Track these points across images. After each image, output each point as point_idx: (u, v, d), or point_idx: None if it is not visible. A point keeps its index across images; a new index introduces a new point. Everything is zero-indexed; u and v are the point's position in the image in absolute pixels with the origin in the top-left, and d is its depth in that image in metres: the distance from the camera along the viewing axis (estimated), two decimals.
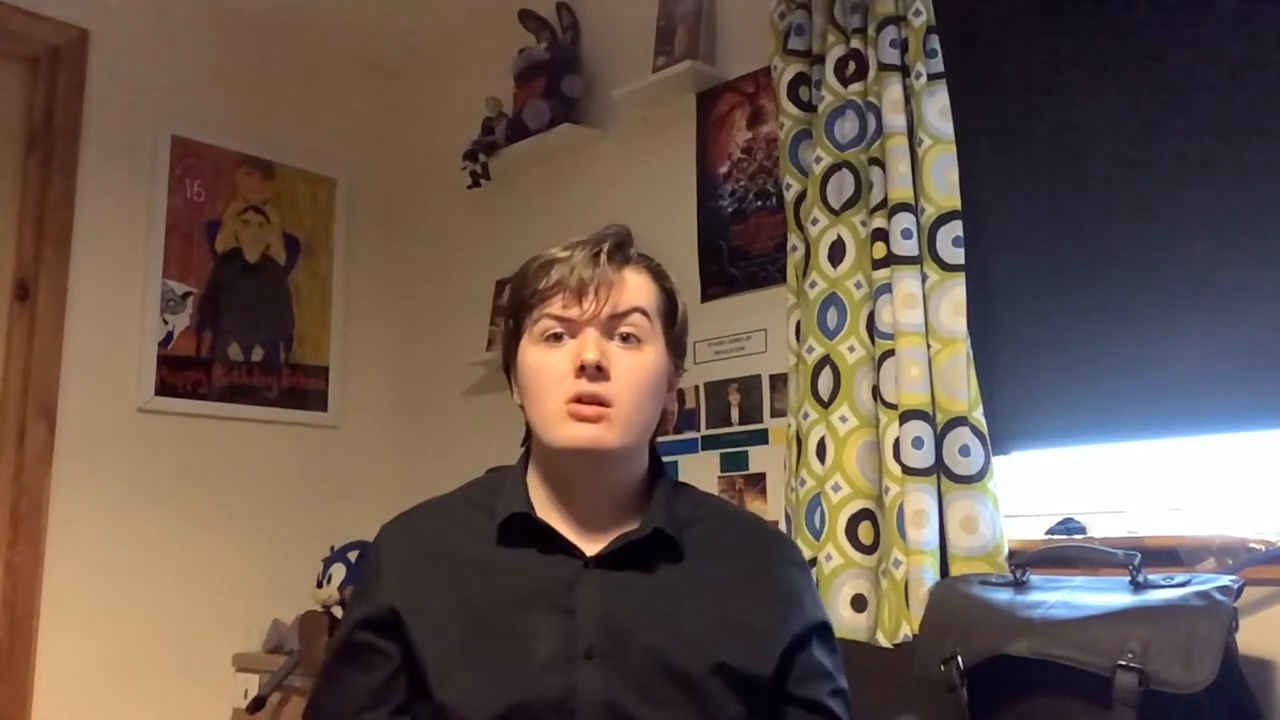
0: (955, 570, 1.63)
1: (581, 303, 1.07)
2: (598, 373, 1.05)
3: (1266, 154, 1.55)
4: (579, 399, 1.05)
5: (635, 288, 1.10)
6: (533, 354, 1.09)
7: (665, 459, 1.20)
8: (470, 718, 1.00)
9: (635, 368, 1.07)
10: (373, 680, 1.07)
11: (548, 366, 1.07)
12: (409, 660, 1.06)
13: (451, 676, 1.03)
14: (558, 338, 1.08)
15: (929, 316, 1.71)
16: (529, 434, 1.14)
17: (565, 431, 1.05)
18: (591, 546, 1.09)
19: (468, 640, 1.04)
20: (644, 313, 1.10)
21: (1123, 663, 1.25)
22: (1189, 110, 1.63)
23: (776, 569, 1.16)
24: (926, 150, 1.74)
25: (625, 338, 1.08)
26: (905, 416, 1.67)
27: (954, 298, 1.70)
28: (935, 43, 1.78)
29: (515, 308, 1.13)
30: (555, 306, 1.08)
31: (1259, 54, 1.57)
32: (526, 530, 1.10)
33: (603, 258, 1.08)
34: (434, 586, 1.08)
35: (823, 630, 1.16)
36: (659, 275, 1.15)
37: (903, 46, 1.79)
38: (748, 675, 1.06)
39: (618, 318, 1.08)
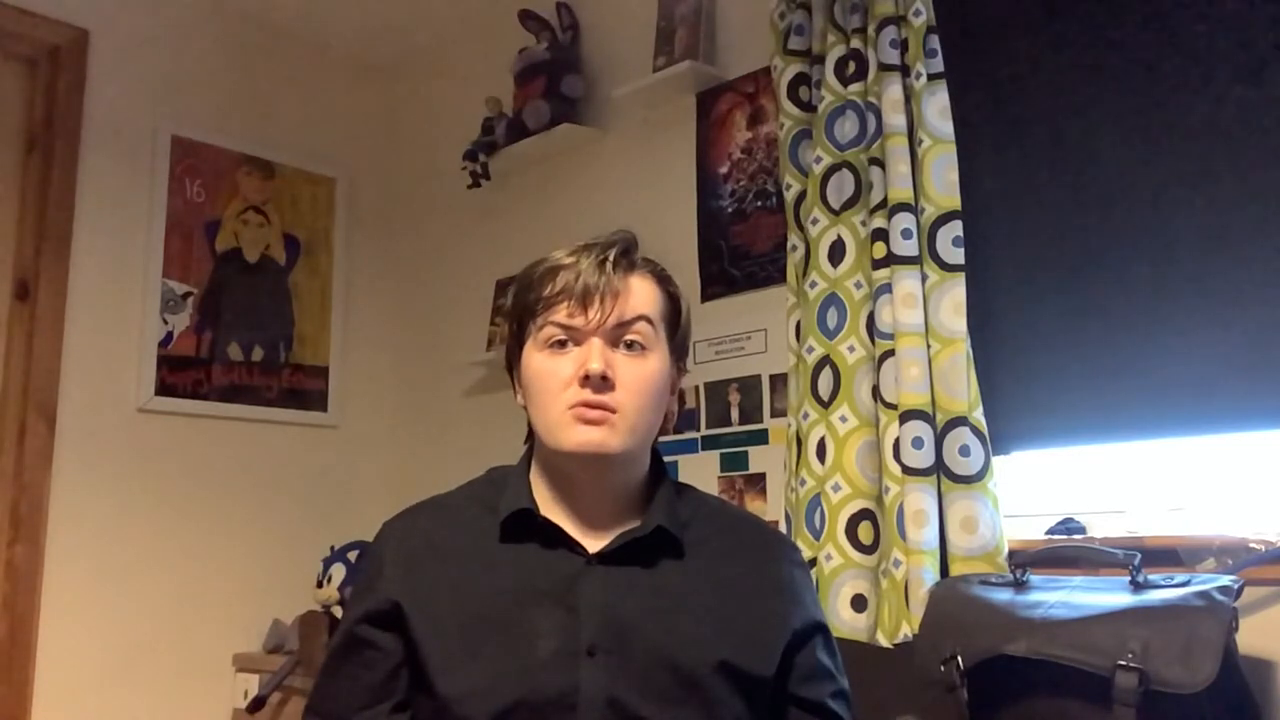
0: (955, 570, 1.63)
1: (587, 311, 1.06)
2: (602, 383, 1.05)
3: (1267, 154, 1.55)
4: (584, 406, 1.05)
5: (640, 295, 1.10)
6: (537, 359, 1.09)
7: (665, 459, 1.20)
8: (472, 713, 1.00)
9: (640, 375, 1.08)
10: (374, 676, 1.07)
11: (552, 373, 1.07)
12: (410, 655, 1.06)
13: (453, 672, 1.03)
14: (562, 344, 1.08)
15: (929, 316, 1.71)
16: (531, 432, 1.14)
17: (570, 436, 1.05)
18: (594, 544, 1.09)
19: (470, 636, 1.04)
20: (649, 320, 1.10)
21: (1123, 663, 1.25)
22: (1189, 110, 1.63)
23: (778, 569, 1.16)
24: (926, 150, 1.74)
25: (630, 345, 1.08)
26: (905, 416, 1.67)
27: (954, 298, 1.70)
28: (935, 43, 1.78)
29: (519, 312, 1.13)
30: (560, 314, 1.07)
31: (1259, 55, 1.57)
32: (529, 527, 1.10)
33: (609, 265, 1.08)
34: (436, 582, 1.08)
35: (824, 630, 1.16)
36: (663, 280, 1.15)
37: (903, 46, 1.79)
38: (749, 674, 1.06)
39: (623, 326, 1.08)
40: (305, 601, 2.51)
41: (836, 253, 1.83)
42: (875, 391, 1.75)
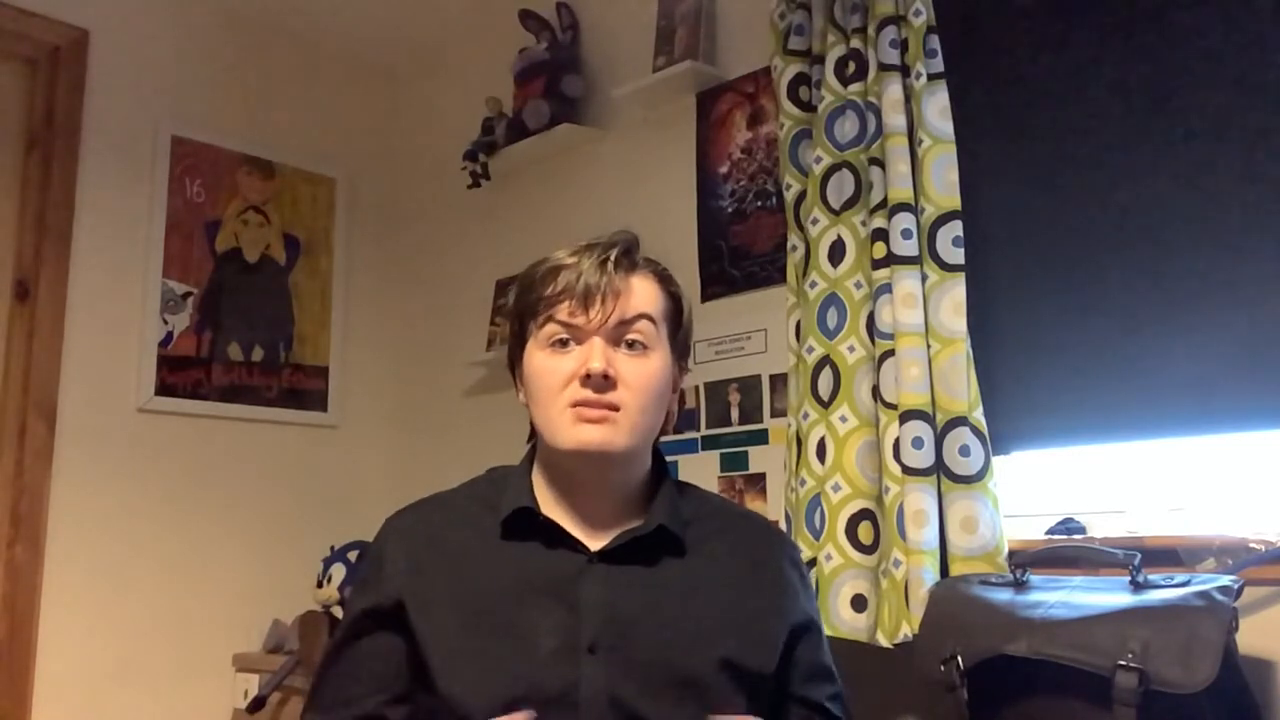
0: (955, 570, 1.63)
1: (588, 311, 1.07)
2: (604, 382, 1.05)
3: (1267, 153, 1.55)
4: (585, 404, 1.05)
5: (641, 294, 1.11)
6: (538, 359, 1.10)
7: (665, 459, 1.20)
8: (473, 710, 1.01)
9: (641, 374, 1.08)
10: (371, 669, 1.08)
11: (553, 371, 1.08)
12: (411, 652, 1.07)
13: (455, 669, 1.03)
14: (564, 343, 1.08)
15: (929, 316, 1.71)
16: (534, 432, 1.15)
17: (572, 434, 1.06)
18: (595, 543, 1.09)
19: (471, 633, 1.05)
20: (650, 319, 1.10)
21: (1123, 662, 1.25)
22: (1189, 110, 1.63)
23: (778, 567, 1.16)
24: (926, 150, 1.74)
25: (631, 344, 1.09)
26: (905, 416, 1.67)
27: (954, 298, 1.70)
28: (935, 43, 1.78)
29: (521, 311, 1.13)
30: (562, 313, 1.08)
31: (1259, 54, 1.57)
32: (530, 526, 1.10)
33: (610, 265, 1.08)
34: (437, 579, 1.08)
35: (819, 628, 1.17)
36: (664, 279, 1.15)
37: (903, 46, 1.79)
38: (751, 670, 1.07)
39: (624, 325, 1.08)
40: (305, 601, 2.51)
41: (836, 253, 1.83)
42: (875, 391, 1.75)
